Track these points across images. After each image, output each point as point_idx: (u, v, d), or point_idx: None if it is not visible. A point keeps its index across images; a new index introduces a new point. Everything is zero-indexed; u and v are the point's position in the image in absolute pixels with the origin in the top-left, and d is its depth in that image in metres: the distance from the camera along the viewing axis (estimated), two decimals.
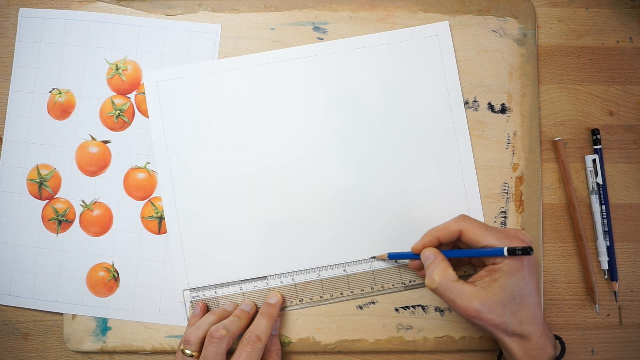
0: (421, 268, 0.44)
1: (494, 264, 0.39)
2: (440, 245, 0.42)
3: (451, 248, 0.43)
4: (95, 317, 0.47)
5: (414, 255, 0.43)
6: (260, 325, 0.43)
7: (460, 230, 0.40)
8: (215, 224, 0.47)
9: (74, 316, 0.47)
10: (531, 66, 0.48)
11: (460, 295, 0.38)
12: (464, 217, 0.41)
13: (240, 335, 0.43)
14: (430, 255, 0.41)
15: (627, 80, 0.49)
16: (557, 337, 0.42)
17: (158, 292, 0.47)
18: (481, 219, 0.47)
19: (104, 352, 0.47)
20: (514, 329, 0.38)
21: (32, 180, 0.48)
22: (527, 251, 0.37)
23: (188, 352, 0.41)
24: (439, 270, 0.39)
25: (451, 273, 0.39)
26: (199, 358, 0.41)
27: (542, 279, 0.47)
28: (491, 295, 0.38)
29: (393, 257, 0.45)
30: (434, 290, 0.39)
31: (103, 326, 0.47)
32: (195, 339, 0.41)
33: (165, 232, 0.47)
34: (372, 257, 0.47)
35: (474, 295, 0.38)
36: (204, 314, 0.45)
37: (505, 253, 0.38)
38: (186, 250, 0.47)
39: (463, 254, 0.41)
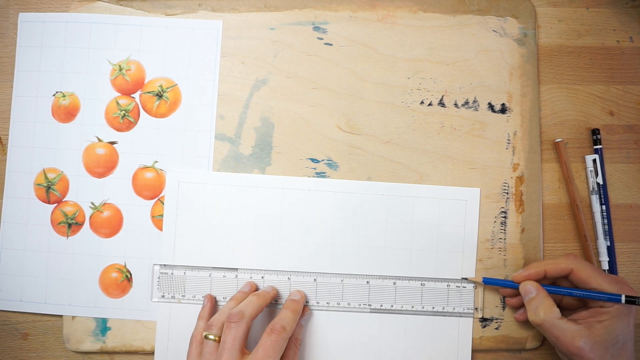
0: (514, 295, 0.45)
1: (601, 306, 0.41)
2: (542, 280, 0.43)
3: (550, 284, 0.44)
4: (95, 317, 0.47)
5: (513, 284, 0.44)
6: (286, 317, 0.42)
7: (572, 269, 0.42)
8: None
9: (73, 316, 0.47)
10: (531, 66, 0.48)
11: (565, 333, 0.40)
12: (574, 257, 0.43)
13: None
14: (532, 290, 0.43)
15: (628, 80, 0.49)
16: None
17: None
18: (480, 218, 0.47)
19: (104, 352, 0.47)
20: None
21: (39, 184, 0.48)
22: None
23: (211, 336, 0.41)
24: (544, 307, 0.41)
25: (556, 310, 0.41)
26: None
27: None
28: (595, 336, 0.40)
29: (488, 282, 0.45)
30: (539, 326, 0.41)
31: (103, 326, 0.47)
32: (218, 323, 0.41)
33: None
34: (463, 279, 0.46)
35: (578, 333, 0.40)
36: (213, 306, 0.46)
37: (623, 300, 0.40)
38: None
39: (574, 293, 0.42)
